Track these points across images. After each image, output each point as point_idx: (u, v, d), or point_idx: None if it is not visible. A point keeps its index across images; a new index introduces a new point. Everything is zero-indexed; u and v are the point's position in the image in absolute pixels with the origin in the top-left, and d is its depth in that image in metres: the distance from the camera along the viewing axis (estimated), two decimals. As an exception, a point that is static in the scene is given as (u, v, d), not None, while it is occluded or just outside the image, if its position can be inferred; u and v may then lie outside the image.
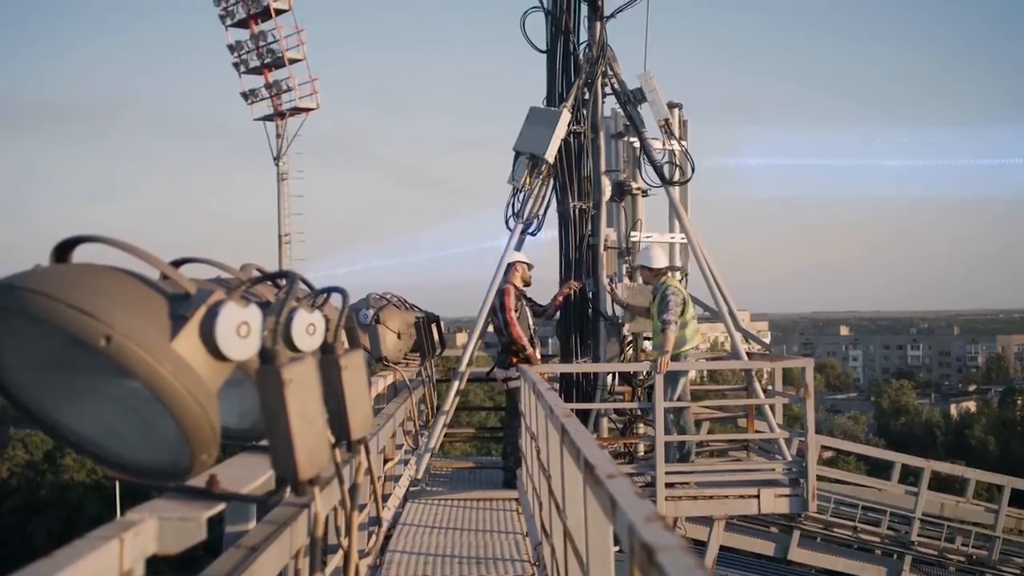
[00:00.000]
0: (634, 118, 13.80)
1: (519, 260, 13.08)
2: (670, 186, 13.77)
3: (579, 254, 13.67)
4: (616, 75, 13.94)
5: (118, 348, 1.88)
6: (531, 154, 13.33)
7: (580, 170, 13.72)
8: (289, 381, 2.01)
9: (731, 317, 13.61)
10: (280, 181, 53.09)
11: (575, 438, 4.29)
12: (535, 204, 13.45)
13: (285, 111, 52.96)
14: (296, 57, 52.17)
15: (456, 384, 13.01)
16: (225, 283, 2.25)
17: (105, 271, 2.04)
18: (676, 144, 13.91)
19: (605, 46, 14.00)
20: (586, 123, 13.81)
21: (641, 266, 13.14)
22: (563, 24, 13.85)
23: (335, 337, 2.32)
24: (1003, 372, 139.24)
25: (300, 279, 2.32)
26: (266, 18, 51.45)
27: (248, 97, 53.41)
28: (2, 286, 1.94)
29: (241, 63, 52.75)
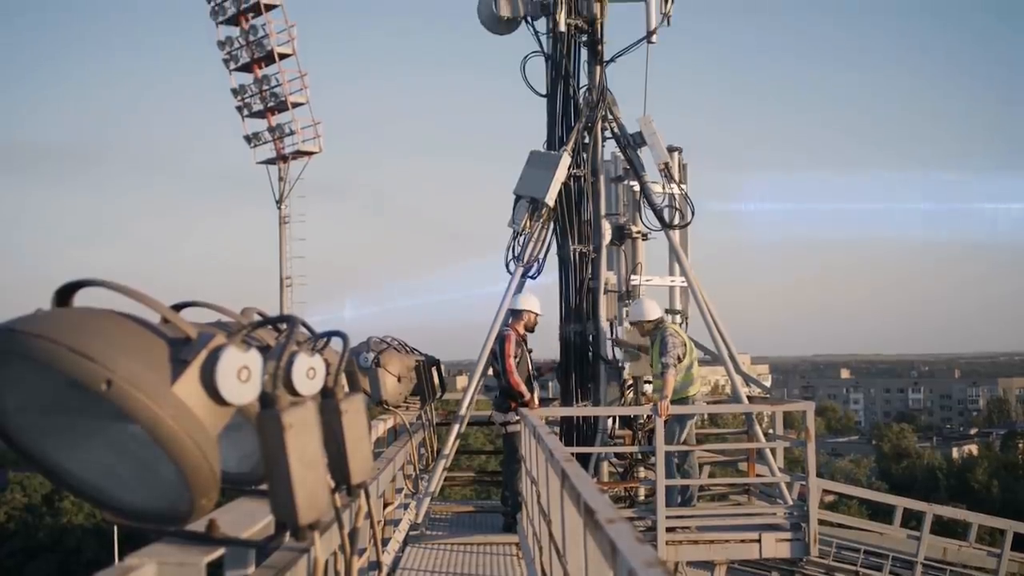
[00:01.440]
0: (634, 162, 13.84)
1: (528, 309, 13.02)
2: (670, 230, 13.79)
3: (579, 298, 13.68)
4: (616, 119, 14.00)
5: (119, 392, 1.88)
6: (531, 198, 13.37)
7: (580, 214, 13.75)
8: (289, 426, 2.01)
9: (732, 360, 13.60)
10: (282, 224, 53.20)
11: (575, 482, 4.28)
12: (535, 247, 13.47)
13: (288, 154, 53.15)
14: (299, 101, 52.41)
15: (456, 428, 12.99)
16: (226, 327, 2.25)
17: (106, 315, 2.04)
18: (676, 188, 13.94)
19: (605, 90, 14.07)
20: (586, 167, 13.85)
21: (637, 322, 13.07)
22: (563, 68, 13.92)
23: (335, 381, 2.33)
24: (1005, 415, 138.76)
25: (301, 323, 2.32)
26: (270, 62, 51.74)
27: (251, 140, 53.61)
28: (4, 330, 1.94)
29: (244, 107, 52.99)
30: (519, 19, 14.05)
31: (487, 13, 14.12)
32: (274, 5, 51.27)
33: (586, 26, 14.08)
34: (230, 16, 51.78)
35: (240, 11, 51.30)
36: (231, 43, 52.37)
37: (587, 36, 14.15)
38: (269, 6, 51.10)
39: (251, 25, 51.64)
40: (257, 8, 51.09)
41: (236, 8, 51.27)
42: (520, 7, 14.01)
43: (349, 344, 2.42)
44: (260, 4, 50.81)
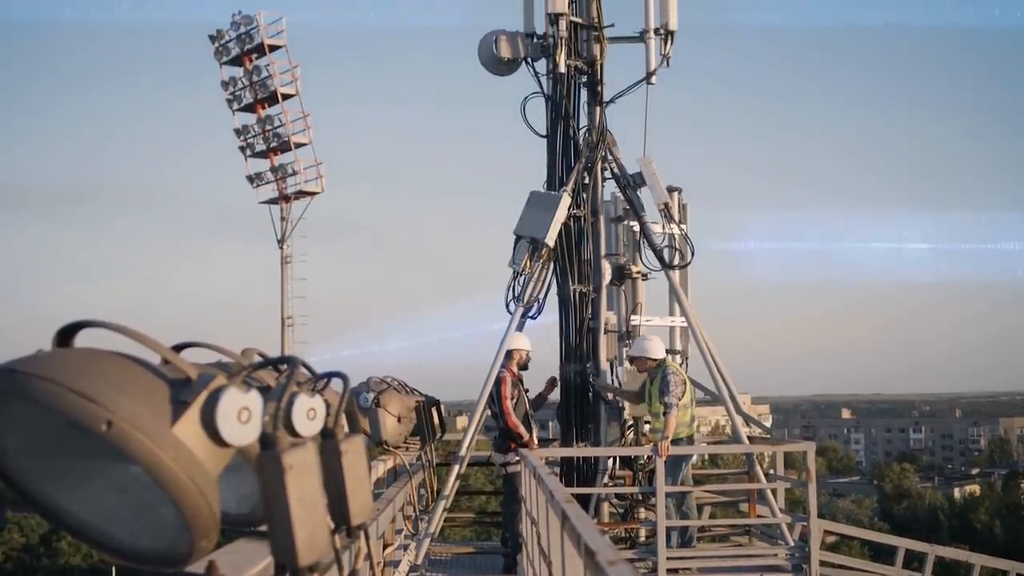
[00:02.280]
0: (634, 202, 13.88)
1: (518, 347, 13.05)
2: (670, 270, 13.81)
3: (579, 338, 13.69)
4: (616, 159, 14.06)
5: (119, 433, 1.88)
6: (531, 238, 13.39)
7: (580, 254, 13.78)
8: (289, 467, 2.01)
9: (732, 400, 13.59)
10: (284, 264, 53.27)
11: (576, 523, 4.28)
12: (535, 288, 13.48)
13: (290, 194, 53.26)
14: (302, 141, 52.59)
15: (456, 468, 12.95)
16: (227, 368, 2.26)
17: (107, 356, 2.05)
18: (676, 228, 13.98)
19: (605, 131, 14.13)
20: (586, 207, 13.89)
21: (639, 358, 13.04)
22: (563, 109, 13.98)
23: (336, 422, 2.33)
24: (1006, 455, 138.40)
25: (301, 364, 2.33)
26: (273, 103, 51.95)
27: (254, 180, 53.75)
28: (4, 371, 1.94)
29: (247, 147, 53.17)
30: (519, 60, 14.13)
31: (487, 55, 14.20)
32: (278, 46, 51.57)
33: (586, 67, 14.16)
34: (234, 57, 52.06)
35: (244, 52, 51.59)
36: (235, 83, 52.61)
37: (587, 77, 14.23)
38: (273, 47, 51.39)
39: (255, 66, 51.90)
40: (261, 49, 51.39)
41: (240, 49, 51.56)
42: (520, 49, 14.09)
43: (349, 385, 2.42)
44: (264, 45, 51.11)
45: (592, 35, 14.23)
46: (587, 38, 14.25)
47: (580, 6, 14.22)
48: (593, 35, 14.22)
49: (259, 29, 51.19)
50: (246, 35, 51.51)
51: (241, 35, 51.60)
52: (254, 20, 51.35)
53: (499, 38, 14.08)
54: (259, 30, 51.18)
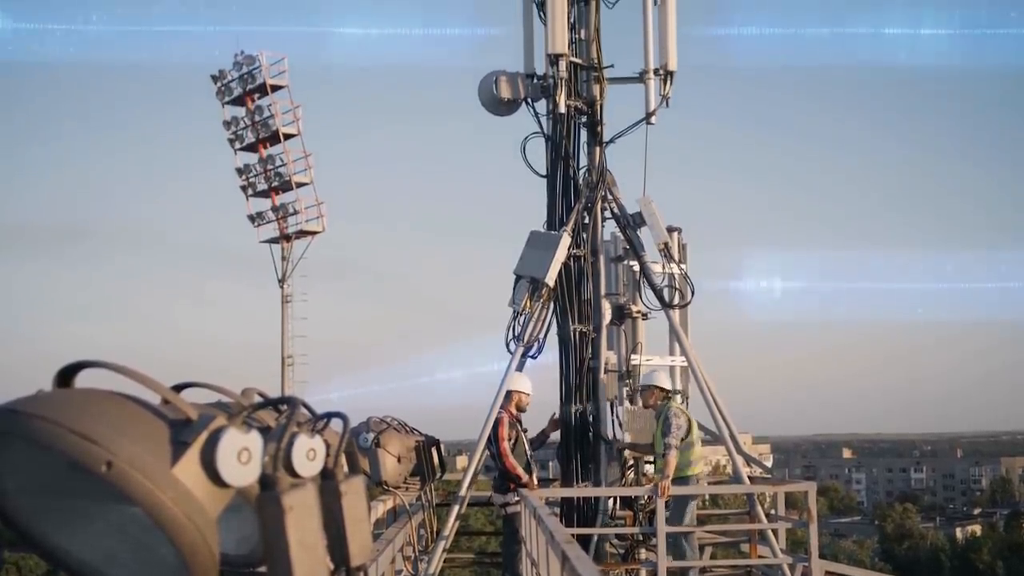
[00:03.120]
0: (634, 242, 13.92)
1: (518, 389, 13.03)
2: (670, 309, 13.83)
3: (580, 377, 13.68)
4: (616, 199, 14.10)
5: (119, 474, 1.88)
6: (532, 278, 13.41)
7: (580, 293, 13.80)
8: (289, 508, 2.00)
9: (733, 440, 13.56)
10: (284, 303, 53.23)
11: (576, 564, 4.27)
12: (536, 327, 13.49)
13: (291, 234, 53.30)
14: (303, 181, 52.66)
15: (456, 509, 12.91)
16: (227, 408, 2.26)
17: (107, 396, 2.05)
18: (676, 268, 14.00)
19: (605, 171, 14.18)
20: (586, 247, 13.92)
21: (648, 387, 13.08)
22: (563, 149, 14.04)
23: (335, 462, 2.33)
24: (1008, 495, 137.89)
25: (302, 404, 2.33)
26: (275, 142, 52.08)
27: (255, 220, 53.79)
28: (5, 411, 1.95)
29: (249, 186, 53.25)
30: (519, 101, 14.19)
31: (488, 95, 14.26)
32: (280, 86, 51.75)
33: (586, 108, 14.23)
34: (236, 97, 52.24)
35: (246, 92, 51.76)
36: (236, 123, 52.76)
37: (587, 117, 14.30)
38: (275, 87, 51.57)
39: (256, 106, 52.07)
40: (263, 89, 51.57)
41: (242, 89, 51.74)
42: (520, 89, 14.16)
43: (349, 425, 2.42)
44: (266, 85, 51.30)
45: (592, 76, 14.31)
46: (587, 79, 14.33)
47: (580, 47, 14.31)
48: (593, 76, 14.30)
49: (261, 69, 51.39)
50: (248, 75, 51.71)
51: (243, 75, 51.79)
52: (256, 60, 51.56)
53: (499, 79, 14.16)
54: (261, 70, 51.38)
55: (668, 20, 14.34)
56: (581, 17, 14.40)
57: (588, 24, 14.37)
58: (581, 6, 14.39)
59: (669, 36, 14.31)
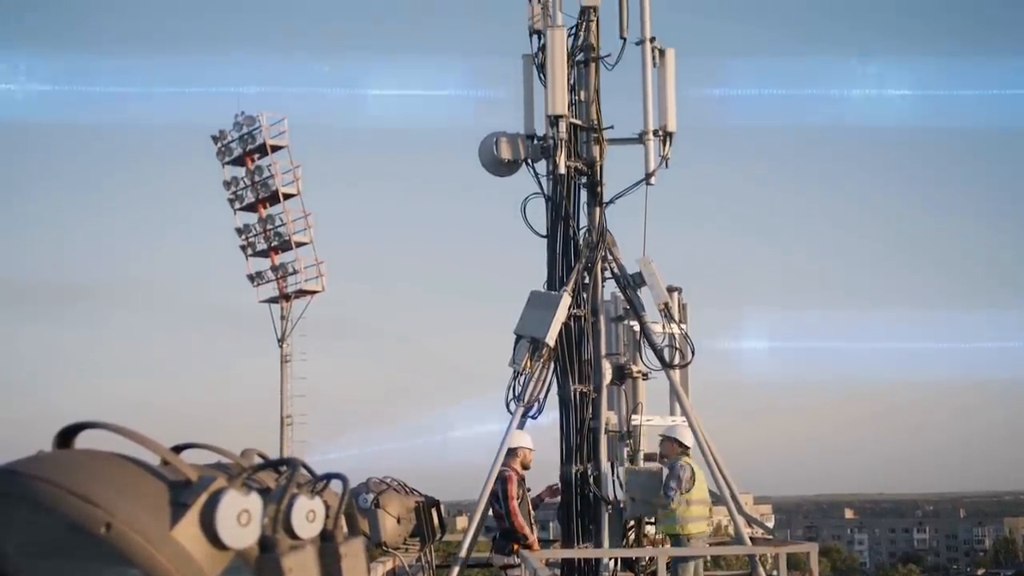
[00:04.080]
0: (634, 302, 13.93)
1: (522, 445, 13.00)
2: (671, 369, 13.83)
3: (580, 438, 13.64)
4: (616, 259, 14.14)
5: (118, 536, 1.88)
6: (532, 338, 13.42)
7: (581, 353, 13.79)
8: (289, 570, 2.00)
9: (734, 501, 13.51)
10: (283, 363, 53.14)
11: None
12: (536, 387, 13.47)
13: (290, 293, 53.30)
14: (303, 240, 52.75)
15: (456, 570, 12.83)
16: (226, 469, 2.26)
17: (107, 457, 2.05)
18: (676, 328, 14.01)
19: (604, 231, 14.23)
20: (586, 307, 13.94)
21: (669, 439, 13.15)
22: (563, 209, 14.09)
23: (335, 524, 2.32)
24: (1012, 555, 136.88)
25: (301, 465, 2.32)
26: (274, 202, 52.23)
27: (254, 279, 53.83)
28: (5, 472, 1.95)
29: (248, 246, 53.32)
30: (520, 161, 14.27)
31: (488, 156, 14.34)
32: (280, 146, 52.00)
33: (586, 168, 14.30)
34: (236, 157, 52.47)
35: (246, 152, 52.00)
36: (236, 183, 52.96)
37: (587, 178, 14.37)
38: (275, 147, 51.82)
39: (256, 166, 52.29)
40: (263, 149, 51.80)
41: (242, 149, 51.98)
42: (521, 150, 14.23)
43: (349, 486, 2.42)
44: (266, 145, 51.54)
45: (592, 137, 14.40)
46: (587, 139, 14.42)
47: (580, 108, 14.41)
48: (593, 137, 14.39)
49: (261, 130, 51.66)
50: (248, 136, 51.96)
51: (243, 136, 52.06)
52: (256, 121, 51.84)
53: (500, 140, 14.24)
54: (261, 131, 51.65)
55: (667, 81, 14.45)
56: (581, 79, 14.51)
57: (588, 86, 14.48)
58: (581, 68, 14.51)
59: (668, 97, 14.42)
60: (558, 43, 13.97)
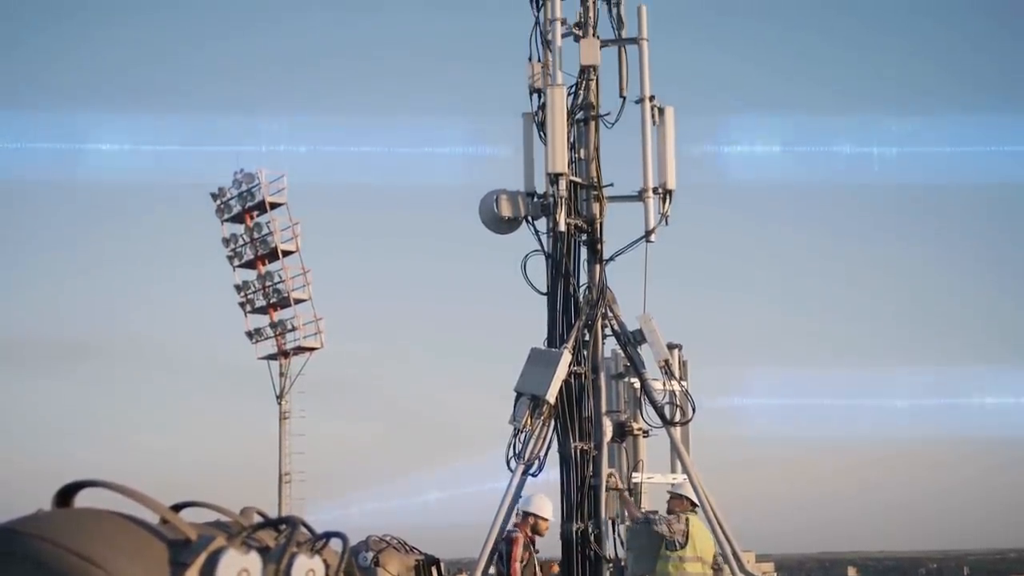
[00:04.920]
0: (634, 359, 13.92)
1: (539, 514, 12.87)
2: (671, 426, 13.79)
3: (581, 496, 13.58)
4: (616, 317, 14.14)
5: (117, 596, 1.87)
6: (532, 395, 13.39)
7: (581, 411, 13.76)
8: (288, 629, 1.99)
9: (735, 559, 13.41)
10: (282, 420, 52.95)
11: None
12: (536, 445, 13.43)
13: (289, 350, 53.20)
14: (301, 297, 52.71)
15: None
16: (226, 527, 2.25)
17: (106, 516, 2.04)
18: (676, 385, 13.99)
19: (605, 288, 14.24)
20: (587, 364, 13.92)
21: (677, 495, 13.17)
22: (563, 267, 14.11)
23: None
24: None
25: (301, 523, 2.32)
26: (273, 259, 52.28)
27: (253, 336, 53.75)
28: (5, 531, 1.94)
29: (247, 303, 53.31)
30: (520, 219, 14.30)
31: (489, 213, 14.38)
32: (279, 203, 52.12)
33: (586, 226, 14.33)
34: (235, 214, 52.60)
35: (245, 209, 52.12)
36: (235, 240, 53.04)
37: (587, 235, 14.39)
38: (274, 204, 51.94)
39: (255, 223, 52.39)
40: (262, 206, 51.92)
41: (241, 206, 52.11)
42: (521, 207, 14.27)
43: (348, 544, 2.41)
44: (265, 203, 51.67)
45: (592, 194, 14.44)
46: (587, 197, 14.46)
47: (580, 166, 14.47)
48: (593, 194, 14.43)
49: (260, 187, 51.80)
50: (247, 193, 52.09)
51: (243, 193, 52.18)
52: (255, 178, 51.99)
53: (500, 197, 14.28)
54: (260, 188, 51.79)
55: (667, 139, 14.52)
56: (581, 137, 14.58)
57: (588, 144, 14.54)
58: (581, 126, 14.57)
59: (668, 155, 14.48)
60: (558, 101, 14.05)
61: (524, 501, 12.95)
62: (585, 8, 14.70)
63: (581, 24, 14.67)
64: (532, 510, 12.83)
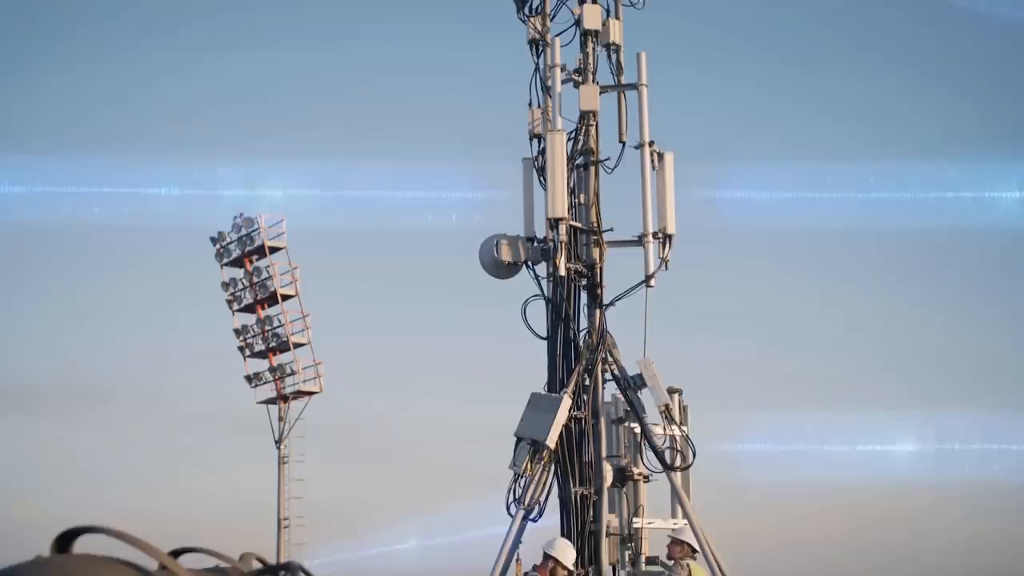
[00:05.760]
0: (635, 404, 13.89)
1: (559, 559, 12.66)
2: (672, 472, 13.73)
3: (581, 541, 13.51)
4: (616, 361, 14.11)
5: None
6: (533, 440, 13.35)
7: (581, 456, 13.71)
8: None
9: (737, 606, 13.34)
10: (281, 465, 52.74)
11: None
12: (537, 490, 13.38)
13: (288, 394, 53.09)
14: (301, 341, 52.64)
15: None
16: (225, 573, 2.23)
17: (105, 562, 2.03)
18: (677, 429, 13.94)
19: (605, 333, 14.22)
20: (587, 409, 13.88)
21: (678, 541, 13.05)
22: (563, 312, 14.10)
23: (334, 630, 2.28)
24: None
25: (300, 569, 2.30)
26: (273, 303, 52.29)
27: (252, 380, 53.65)
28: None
29: (246, 347, 53.26)
30: (520, 264, 14.31)
31: (489, 258, 14.38)
32: (278, 248, 52.19)
33: (586, 271, 14.33)
34: (235, 258, 52.68)
35: (245, 253, 52.19)
36: (235, 284, 53.08)
37: (587, 280, 14.39)
38: (273, 249, 52.00)
39: (255, 267, 52.45)
40: (262, 251, 51.99)
41: (241, 251, 52.18)
42: (521, 252, 14.29)
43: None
44: (265, 247, 51.75)
45: (592, 239, 14.45)
46: (587, 242, 14.47)
47: (580, 211, 14.49)
48: (592, 239, 14.44)
49: (260, 231, 51.88)
50: (247, 237, 52.17)
51: (242, 237, 52.26)
52: (255, 223, 52.09)
53: (500, 242, 14.30)
54: (260, 232, 51.87)
55: (666, 184, 14.54)
56: (581, 182, 14.61)
57: (588, 189, 14.57)
58: (581, 171, 14.61)
59: (667, 200, 14.49)
60: (558, 147, 14.09)
61: (548, 544, 12.81)
62: (585, 55, 14.77)
63: (581, 70, 14.74)
64: (555, 554, 12.65)
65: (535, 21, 14.91)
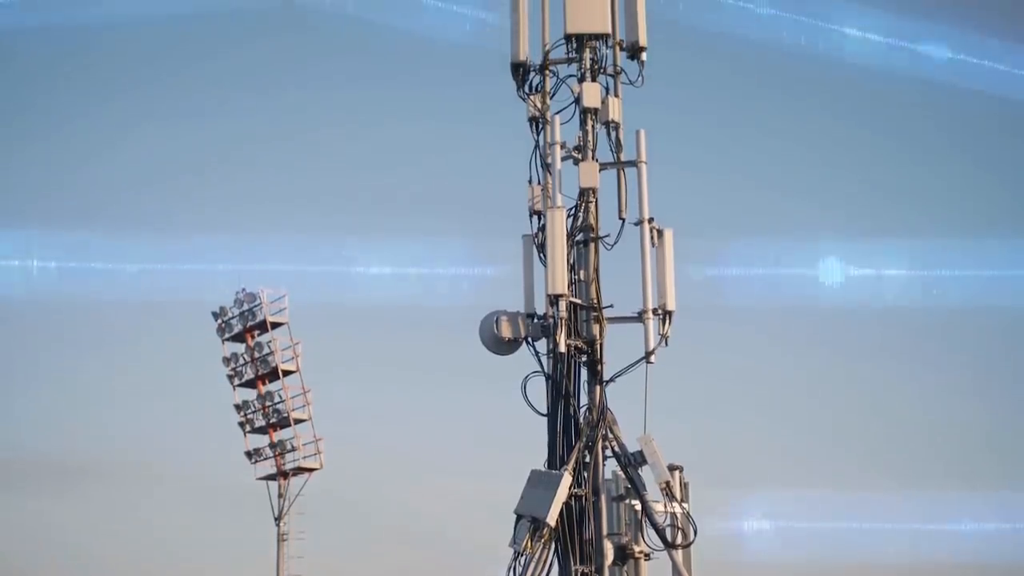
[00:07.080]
0: (635, 481, 13.81)
1: None
2: (673, 549, 13.63)
3: (582, 620, 13.39)
4: (616, 438, 14.05)
5: None
6: (532, 517, 13.27)
7: (582, 533, 13.62)
8: None
9: None
10: (280, 542, 52.33)
11: None
12: (537, 568, 13.25)
13: (288, 471, 52.82)
14: (301, 417, 52.48)
15: None
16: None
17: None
18: (678, 507, 13.86)
19: (605, 409, 14.17)
20: (587, 486, 13.80)
21: None
22: (563, 388, 14.07)
23: None
24: None
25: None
26: (274, 379, 52.23)
27: (252, 456, 53.44)
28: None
29: (247, 422, 53.12)
30: (520, 340, 14.30)
31: (489, 334, 14.38)
32: (280, 323, 52.24)
33: (586, 347, 14.30)
34: (236, 333, 52.74)
35: (246, 328, 52.27)
36: (236, 359, 53.09)
37: (587, 356, 14.36)
38: (275, 324, 52.07)
39: (256, 342, 52.49)
40: (263, 326, 52.06)
41: (242, 326, 52.26)
42: (521, 329, 14.28)
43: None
44: (267, 322, 51.81)
45: (592, 315, 14.44)
46: (587, 318, 14.45)
47: (580, 287, 14.50)
48: (592, 315, 14.44)
49: (262, 307, 51.97)
50: (249, 312, 52.25)
51: (244, 312, 52.34)
52: (257, 298, 52.19)
53: (500, 318, 14.30)
54: (261, 307, 51.95)
55: (666, 261, 14.55)
56: (581, 258, 14.62)
57: (587, 265, 14.58)
58: (581, 247, 14.62)
59: (667, 277, 14.50)
60: (558, 224, 14.13)
61: None
62: (584, 132, 14.85)
63: (580, 147, 14.81)
64: None
65: (535, 99, 15.03)
